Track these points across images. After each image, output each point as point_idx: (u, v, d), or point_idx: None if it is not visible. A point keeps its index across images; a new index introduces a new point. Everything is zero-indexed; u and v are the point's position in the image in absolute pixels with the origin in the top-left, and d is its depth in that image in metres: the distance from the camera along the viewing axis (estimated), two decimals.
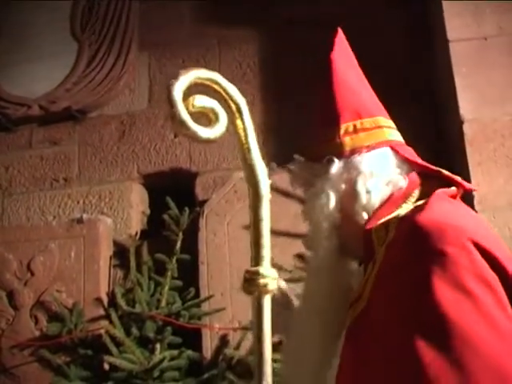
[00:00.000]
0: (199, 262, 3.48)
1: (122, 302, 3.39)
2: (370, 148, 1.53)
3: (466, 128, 3.24)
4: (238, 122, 1.34)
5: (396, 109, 3.59)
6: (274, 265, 1.44)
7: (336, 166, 1.51)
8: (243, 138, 1.34)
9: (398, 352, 1.24)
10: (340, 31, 1.69)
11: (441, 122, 3.64)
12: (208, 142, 1.30)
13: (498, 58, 3.34)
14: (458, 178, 1.55)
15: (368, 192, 1.49)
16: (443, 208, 1.39)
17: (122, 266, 3.64)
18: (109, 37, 4.35)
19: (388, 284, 1.33)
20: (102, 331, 3.34)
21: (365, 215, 1.49)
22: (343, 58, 1.65)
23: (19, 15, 4.46)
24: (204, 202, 3.67)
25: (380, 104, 1.66)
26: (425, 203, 1.40)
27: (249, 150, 1.34)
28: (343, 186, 1.51)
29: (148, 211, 3.96)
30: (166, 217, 3.52)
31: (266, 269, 1.32)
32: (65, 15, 4.45)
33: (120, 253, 3.67)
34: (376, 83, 3.66)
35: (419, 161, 1.57)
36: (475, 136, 3.23)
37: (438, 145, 3.58)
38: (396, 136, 1.60)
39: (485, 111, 3.25)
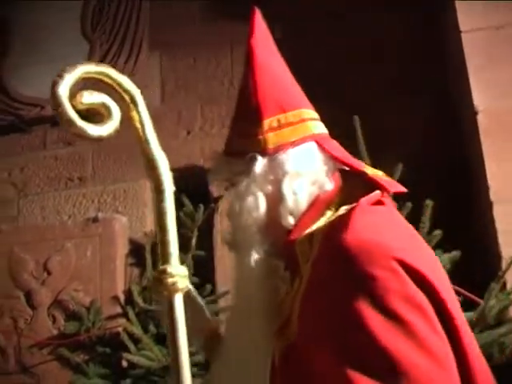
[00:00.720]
0: (215, 258, 3.48)
1: (138, 299, 3.40)
2: (294, 144, 1.43)
3: (480, 118, 3.22)
4: (134, 114, 1.29)
5: (409, 98, 3.60)
6: None
7: (260, 164, 1.42)
8: (140, 131, 1.28)
9: None
10: (257, 11, 1.55)
11: (455, 112, 3.62)
12: (100, 139, 1.24)
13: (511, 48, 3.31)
14: (383, 180, 1.43)
15: (294, 193, 1.41)
16: (368, 223, 1.30)
17: (138, 264, 3.64)
18: (119, 37, 4.35)
19: (316, 313, 1.27)
20: (120, 329, 3.35)
21: (291, 219, 1.41)
22: (263, 43, 1.52)
23: (30, 16, 4.48)
24: (218, 198, 3.66)
25: (302, 93, 1.55)
26: (348, 217, 1.31)
27: (147, 142, 1.29)
28: (269, 188, 1.42)
29: None
30: (181, 214, 3.52)
31: (174, 266, 1.24)
32: (75, 15, 4.46)
33: (136, 251, 3.68)
34: (389, 72, 3.66)
35: (344, 157, 1.47)
36: (489, 127, 3.20)
37: (452, 135, 3.56)
38: (320, 128, 1.51)
39: (499, 102, 3.23)
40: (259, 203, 1.41)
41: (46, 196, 4.09)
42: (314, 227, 1.38)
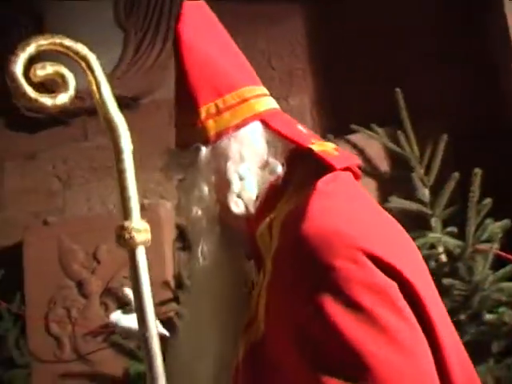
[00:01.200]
0: None
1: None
2: (236, 127, 1.36)
3: None
4: (91, 78, 1.32)
5: (451, 69, 3.53)
6: None
7: (203, 154, 1.36)
8: (97, 94, 1.31)
9: None
10: None
11: (498, 82, 3.54)
12: (59, 108, 1.29)
13: None
14: (331, 156, 1.32)
15: (241, 179, 1.34)
16: (327, 209, 1.22)
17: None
18: (154, 22, 4.35)
19: (279, 309, 1.20)
20: (172, 313, 3.36)
21: (241, 205, 1.34)
22: (194, 26, 1.43)
23: (60, 8, 4.49)
24: None
25: (247, 70, 1.47)
26: (306, 203, 1.22)
27: (104, 103, 1.32)
28: (213, 177, 1.36)
29: None
30: None
31: (133, 221, 1.26)
32: (108, 4, 4.46)
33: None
34: (430, 44, 3.58)
35: (292, 133, 1.37)
36: None
37: (496, 105, 3.49)
38: (268, 104, 1.42)
39: None
40: (205, 194, 1.36)
41: (91, 186, 4.12)
42: (272, 215, 1.31)
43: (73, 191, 4.14)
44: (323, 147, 1.33)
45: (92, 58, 1.33)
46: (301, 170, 1.35)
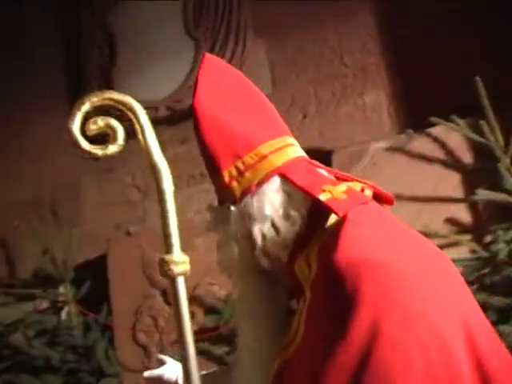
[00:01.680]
0: None
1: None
2: (258, 185, 1.44)
3: None
4: (137, 127, 1.49)
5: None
6: (426, 233, 1.42)
7: (232, 214, 1.46)
8: (143, 140, 1.48)
9: None
10: (206, 60, 1.60)
11: None
12: (110, 156, 1.49)
13: None
14: (338, 204, 1.39)
15: (264, 237, 1.44)
16: (357, 238, 1.33)
17: None
18: (223, 28, 4.35)
19: (316, 333, 1.30)
20: None
21: (266, 261, 1.45)
22: (210, 94, 1.53)
23: (130, 19, 4.54)
24: None
25: (268, 122, 1.54)
26: (338, 233, 1.34)
27: (149, 149, 1.48)
28: (241, 235, 1.46)
29: None
30: None
31: (173, 255, 1.42)
32: (176, 14, 4.48)
33: None
34: (507, 31, 3.44)
35: (307, 183, 1.43)
36: None
37: None
38: (286, 156, 1.48)
39: None
40: (235, 251, 1.47)
41: None
42: (308, 249, 1.40)
43: (152, 201, 4.16)
44: (332, 193, 1.40)
45: (138, 108, 1.50)
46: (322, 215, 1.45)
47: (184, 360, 1.39)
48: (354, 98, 3.95)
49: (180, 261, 1.43)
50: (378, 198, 1.51)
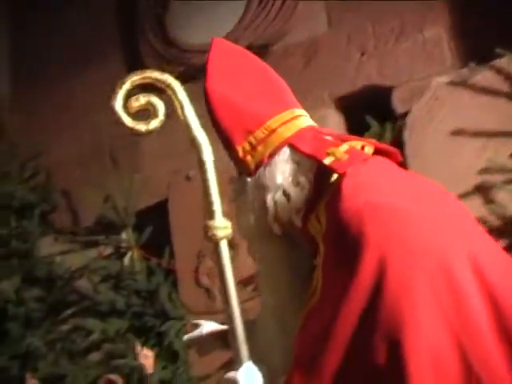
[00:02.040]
0: None
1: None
2: (270, 157, 1.56)
3: None
4: (176, 103, 1.57)
5: None
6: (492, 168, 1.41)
7: (248, 186, 1.58)
8: (182, 116, 1.56)
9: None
10: (214, 44, 1.69)
11: None
12: (152, 132, 1.57)
13: None
14: (339, 164, 1.50)
15: (276, 204, 1.55)
16: (357, 186, 1.43)
17: None
18: None
19: (331, 283, 1.38)
20: None
21: (277, 228, 1.56)
22: (219, 74, 1.64)
23: None
24: (404, 115, 3.52)
25: (277, 95, 1.64)
26: (340, 186, 1.44)
27: (188, 124, 1.56)
28: (256, 204, 1.57)
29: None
30: (367, 135, 3.41)
31: (215, 221, 1.52)
32: None
33: None
34: None
35: (312, 149, 1.54)
36: None
37: None
38: (294, 127, 1.58)
39: None
40: (251, 219, 1.58)
41: None
42: (318, 208, 1.50)
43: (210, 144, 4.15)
44: (335, 155, 1.50)
45: (176, 85, 1.58)
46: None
47: (229, 318, 1.49)
48: (414, 34, 3.84)
49: (222, 226, 1.52)
50: (384, 153, 1.60)
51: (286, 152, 1.56)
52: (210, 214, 1.52)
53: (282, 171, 1.55)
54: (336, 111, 3.90)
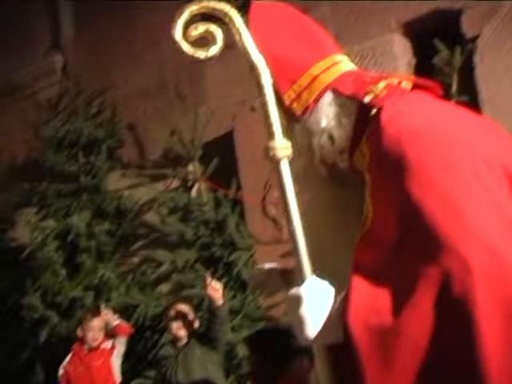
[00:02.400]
0: (479, 100, 3.28)
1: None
2: (314, 103, 1.60)
3: None
4: (234, 30, 1.59)
5: None
6: None
7: (296, 131, 1.62)
8: (240, 42, 1.57)
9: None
10: (253, 7, 1.71)
11: None
12: (211, 59, 1.57)
13: None
14: (378, 100, 1.54)
15: (322, 147, 1.60)
16: (395, 115, 1.48)
17: None
18: None
19: (378, 209, 1.45)
20: None
21: (323, 169, 1.61)
22: (262, 30, 1.66)
23: None
24: (474, 38, 3.41)
25: (318, 43, 1.67)
26: (379, 117, 1.49)
27: (246, 50, 1.58)
28: (304, 149, 1.61)
29: (414, 60, 3.78)
30: (436, 60, 3.33)
31: (275, 141, 1.54)
32: None
33: None
34: None
35: (354, 89, 1.58)
36: None
37: None
38: (335, 72, 1.62)
39: None
40: (303, 162, 1.62)
41: None
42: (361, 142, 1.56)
43: None
44: (375, 93, 1.56)
45: (233, 13, 1.60)
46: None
47: (292, 235, 1.50)
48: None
49: (282, 146, 1.55)
50: (424, 88, 1.61)
51: (329, 96, 1.61)
52: (270, 135, 1.55)
53: (326, 115, 1.61)
54: (403, 37, 3.80)
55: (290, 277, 1.63)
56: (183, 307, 3.64)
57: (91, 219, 4.63)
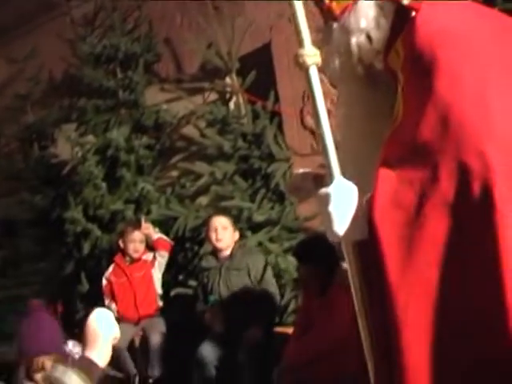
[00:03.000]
0: None
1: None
2: (354, 2, 1.60)
3: None
4: None
5: None
6: None
7: (334, 30, 1.62)
8: None
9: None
10: None
11: None
12: None
13: None
14: (415, 2, 1.56)
15: (360, 47, 1.61)
16: (432, 12, 1.50)
17: None
18: None
19: (409, 107, 1.48)
20: None
21: (360, 68, 1.63)
22: None
23: None
24: None
25: None
26: (415, 15, 1.51)
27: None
28: (342, 49, 1.62)
29: None
30: None
31: (305, 48, 1.55)
32: None
33: None
34: None
35: None
36: None
37: None
38: None
39: None
40: (336, 66, 1.64)
41: None
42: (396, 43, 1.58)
43: None
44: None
45: None
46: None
47: (321, 137, 1.53)
48: None
49: (312, 53, 1.56)
50: None
51: None
52: (300, 43, 1.57)
53: (365, 15, 1.61)
54: None
55: (323, 181, 1.66)
56: (223, 219, 3.69)
57: (130, 134, 4.67)
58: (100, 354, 1.55)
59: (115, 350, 1.63)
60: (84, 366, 1.52)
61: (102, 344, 1.55)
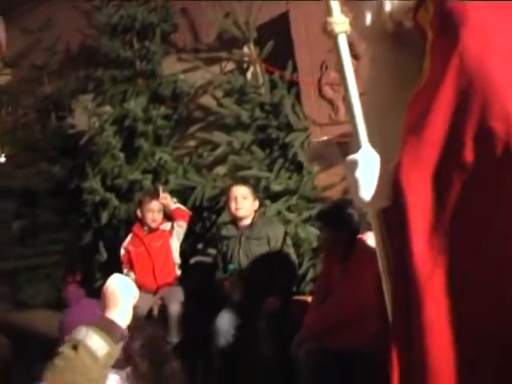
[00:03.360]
0: None
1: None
2: None
3: None
4: None
5: None
6: None
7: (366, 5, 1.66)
8: None
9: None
10: None
11: None
12: None
13: None
14: None
15: (392, 2, 1.64)
16: None
17: None
18: None
19: (437, 61, 1.47)
20: None
21: (391, 24, 1.66)
22: None
23: None
24: None
25: None
26: None
27: None
28: (374, 4, 1.66)
29: None
30: None
31: (333, 17, 1.58)
32: None
33: None
34: None
35: None
36: None
37: None
38: None
39: None
40: (367, 23, 1.69)
41: None
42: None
43: None
44: None
45: None
46: None
47: (349, 104, 1.56)
48: None
49: (340, 21, 1.58)
50: None
51: None
52: (329, 11, 1.59)
53: None
54: None
55: (346, 149, 1.67)
56: (243, 188, 3.67)
57: (147, 104, 4.67)
58: (121, 314, 1.57)
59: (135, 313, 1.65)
60: (105, 326, 1.55)
61: (123, 304, 1.58)
